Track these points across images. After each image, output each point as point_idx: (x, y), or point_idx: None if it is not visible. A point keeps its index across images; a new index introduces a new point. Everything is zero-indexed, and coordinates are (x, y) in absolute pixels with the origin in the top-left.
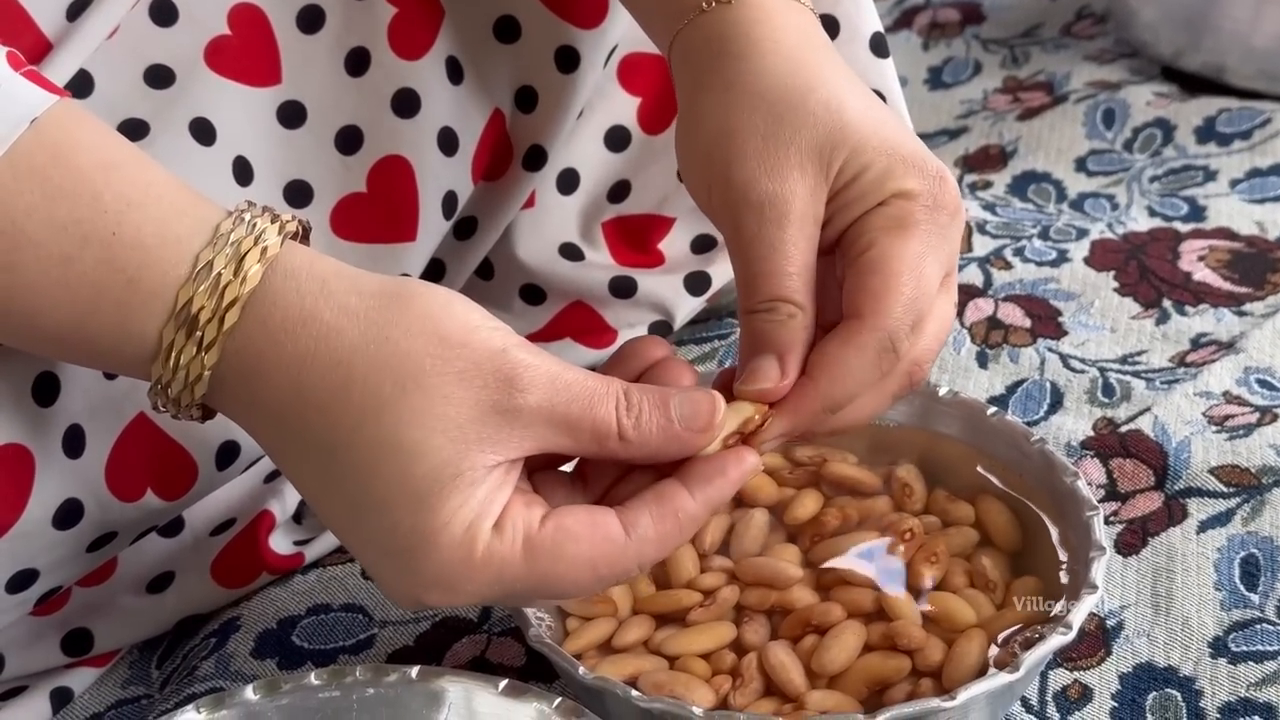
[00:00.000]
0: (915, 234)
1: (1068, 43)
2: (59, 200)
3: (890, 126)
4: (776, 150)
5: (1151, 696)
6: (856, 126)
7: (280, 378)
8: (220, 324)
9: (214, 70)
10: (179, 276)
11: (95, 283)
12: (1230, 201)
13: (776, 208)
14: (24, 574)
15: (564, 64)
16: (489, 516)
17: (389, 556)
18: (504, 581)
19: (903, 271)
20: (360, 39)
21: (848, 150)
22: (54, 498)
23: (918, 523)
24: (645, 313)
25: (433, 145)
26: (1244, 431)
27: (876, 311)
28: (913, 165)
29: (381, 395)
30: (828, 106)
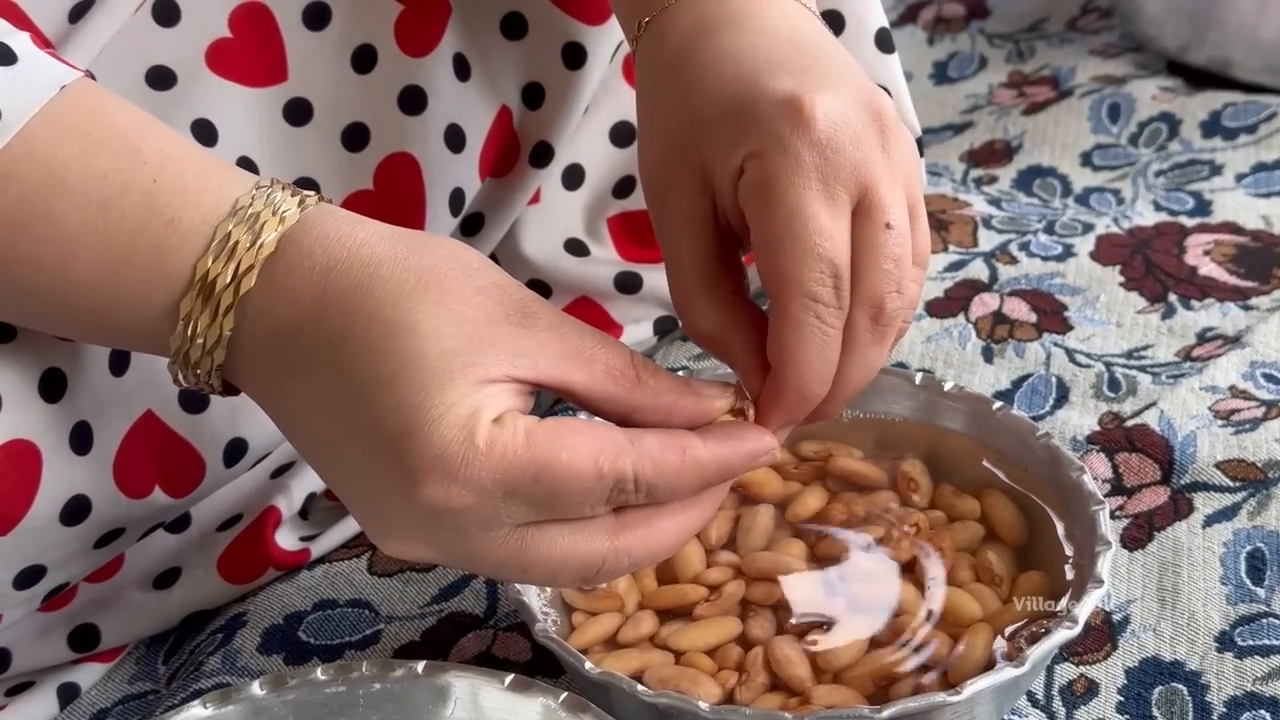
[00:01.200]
0: (777, 191)
1: (1073, 37)
2: (97, 152)
3: (740, 75)
4: (656, 162)
5: (1158, 691)
6: (704, 101)
7: (305, 286)
8: (258, 251)
9: (214, 72)
10: (220, 215)
11: (134, 226)
12: (1236, 196)
13: (659, 221)
14: (32, 570)
15: (571, 60)
16: (490, 410)
17: (387, 443)
18: (505, 469)
19: (780, 236)
20: (367, 36)
21: (697, 136)
22: (62, 494)
23: (923, 517)
24: (651, 308)
25: (440, 142)
26: (1250, 426)
27: (785, 286)
28: (748, 116)
29: (404, 288)
30: (686, 99)
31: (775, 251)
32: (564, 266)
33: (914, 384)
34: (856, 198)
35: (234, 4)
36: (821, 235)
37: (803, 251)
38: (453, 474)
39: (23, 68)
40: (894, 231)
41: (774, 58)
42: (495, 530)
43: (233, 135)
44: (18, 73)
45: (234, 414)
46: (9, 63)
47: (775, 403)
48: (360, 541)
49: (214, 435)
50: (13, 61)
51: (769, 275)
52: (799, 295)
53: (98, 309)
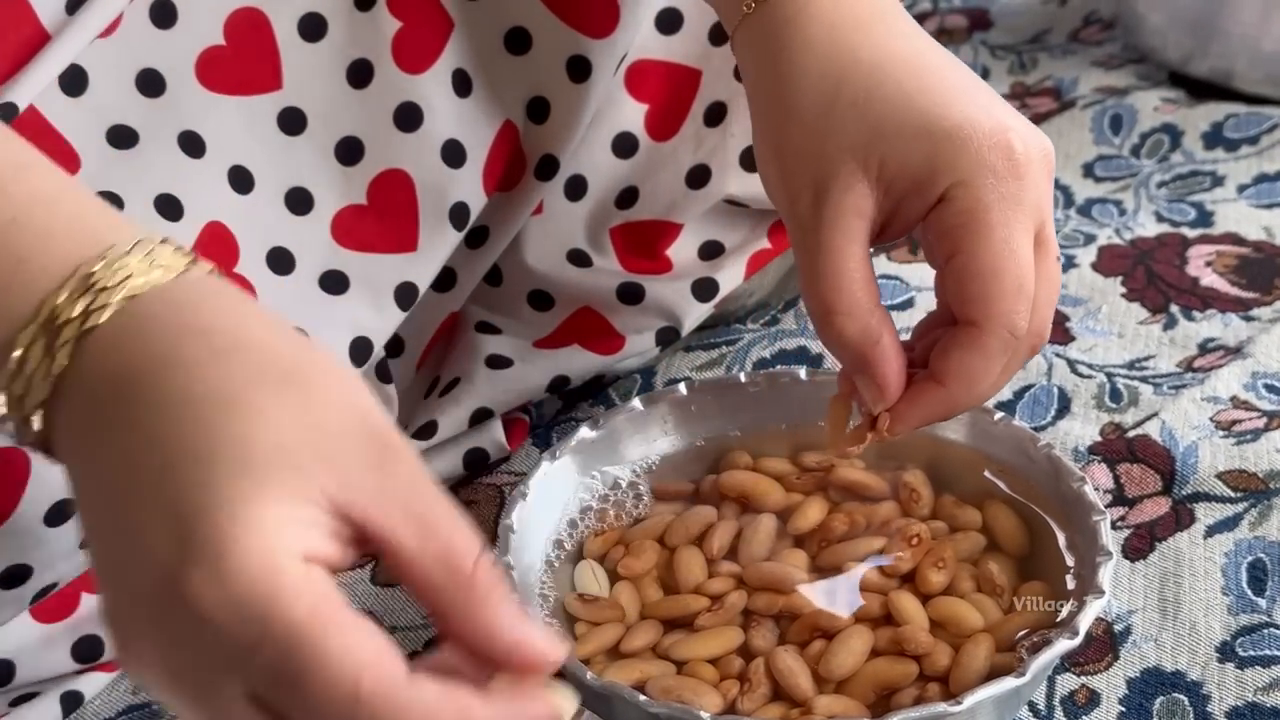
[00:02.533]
0: (990, 223)
1: (1075, 48)
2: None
3: (931, 102)
4: (815, 162)
5: (1159, 701)
6: (888, 116)
7: (162, 339)
8: (121, 291)
9: (204, 85)
10: (86, 255)
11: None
12: (1238, 207)
13: (814, 217)
14: (17, 569)
15: (576, 74)
16: (303, 542)
17: (176, 519)
18: (272, 612)
19: (996, 268)
20: (363, 51)
21: (882, 146)
22: (48, 497)
23: (924, 528)
24: (653, 319)
25: (436, 158)
26: (1251, 436)
27: (989, 316)
28: (956, 142)
29: (266, 375)
30: (854, 104)
31: (982, 281)
32: (566, 277)
33: None
34: (1036, 232)
35: (230, 9)
36: (1027, 270)
37: (1014, 286)
38: (221, 576)
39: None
40: (1058, 264)
41: (952, 83)
42: (227, 683)
43: (223, 147)
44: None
45: None
46: None
47: (924, 409)
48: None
49: None
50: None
51: (970, 302)
52: (1001, 325)
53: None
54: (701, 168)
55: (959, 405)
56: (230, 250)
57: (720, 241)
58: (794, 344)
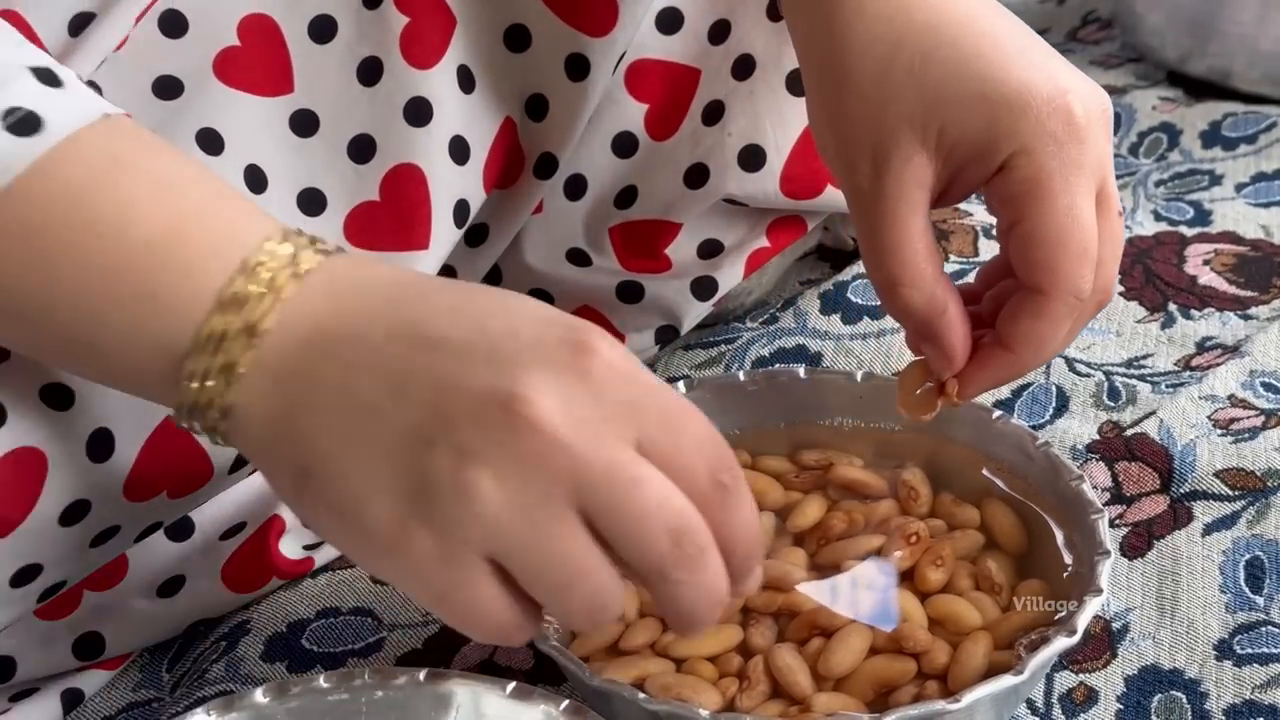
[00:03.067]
0: (1053, 189)
1: (1074, 48)
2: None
3: (988, 67)
4: (872, 133)
5: (1157, 699)
6: (945, 82)
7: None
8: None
9: (222, 81)
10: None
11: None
12: (1236, 206)
13: (873, 188)
14: (27, 569)
15: (574, 72)
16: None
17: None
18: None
19: (1061, 236)
20: (372, 48)
21: (941, 114)
22: (65, 498)
23: (923, 526)
24: (652, 317)
25: (444, 154)
26: (1249, 435)
27: (1055, 283)
28: (1015, 109)
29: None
30: (910, 71)
31: (1048, 248)
32: (566, 275)
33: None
34: (1098, 191)
35: (241, 15)
36: (1091, 234)
37: (1077, 252)
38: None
39: (69, 90)
40: (1121, 220)
41: (1010, 45)
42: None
43: (240, 145)
44: (65, 93)
45: None
46: (56, 85)
47: (992, 373)
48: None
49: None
50: (59, 85)
51: (1036, 268)
52: (1067, 292)
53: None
54: (700, 167)
55: (1027, 368)
56: None
57: (719, 240)
58: (793, 342)
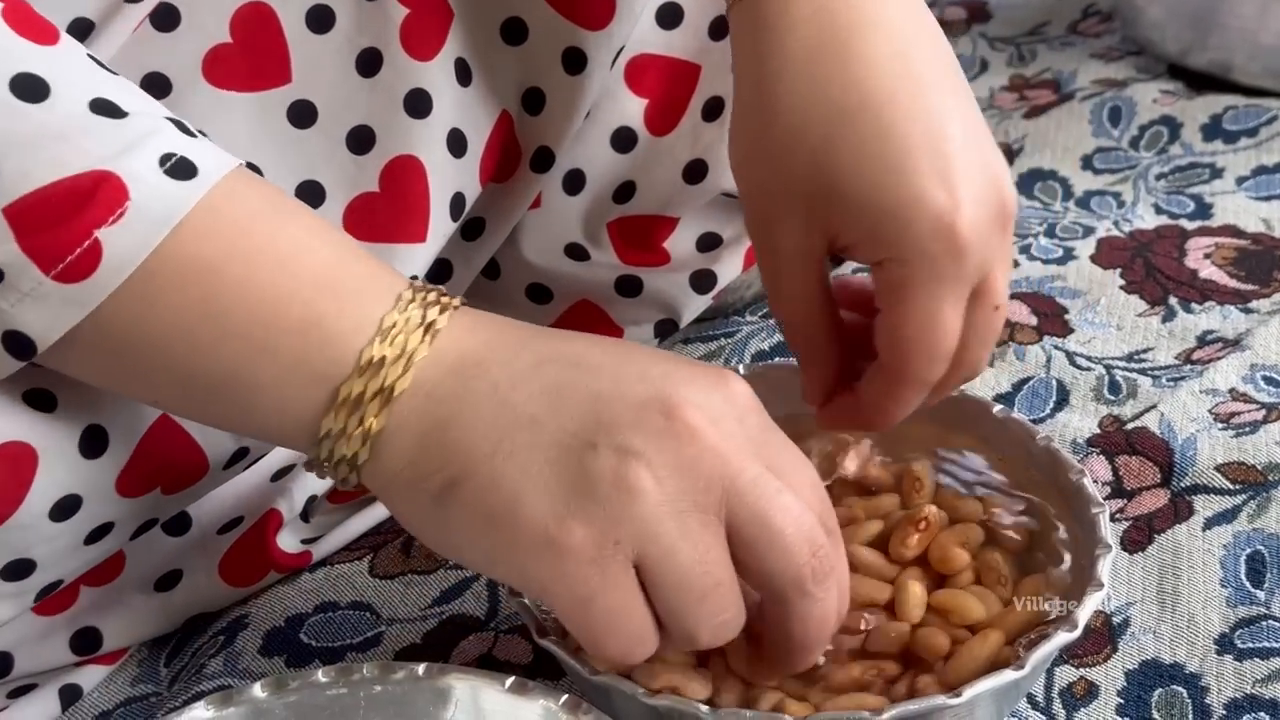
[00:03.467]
0: (916, 300)
1: (1074, 41)
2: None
3: (886, 168)
4: (771, 196)
5: (1157, 693)
6: (840, 175)
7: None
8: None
9: (211, 83)
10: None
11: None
12: (1236, 199)
13: (770, 240)
14: (20, 563)
15: (571, 65)
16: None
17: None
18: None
19: (916, 337)
20: (372, 39)
21: (829, 204)
22: (55, 493)
23: (934, 510)
24: (651, 311)
25: (442, 146)
26: (1250, 429)
27: (904, 374)
28: (899, 223)
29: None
30: (814, 151)
31: (903, 345)
32: (564, 270)
33: None
34: (975, 288)
35: (236, 6)
36: (947, 337)
37: (930, 354)
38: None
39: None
40: (999, 312)
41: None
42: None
43: (230, 146)
44: (204, 141)
45: None
46: (193, 134)
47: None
48: (361, 544)
49: (222, 441)
50: (194, 135)
51: (889, 353)
52: (915, 382)
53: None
54: (699, 163)
55: (875, 428)
56: None
57: (718, 233)
58: None
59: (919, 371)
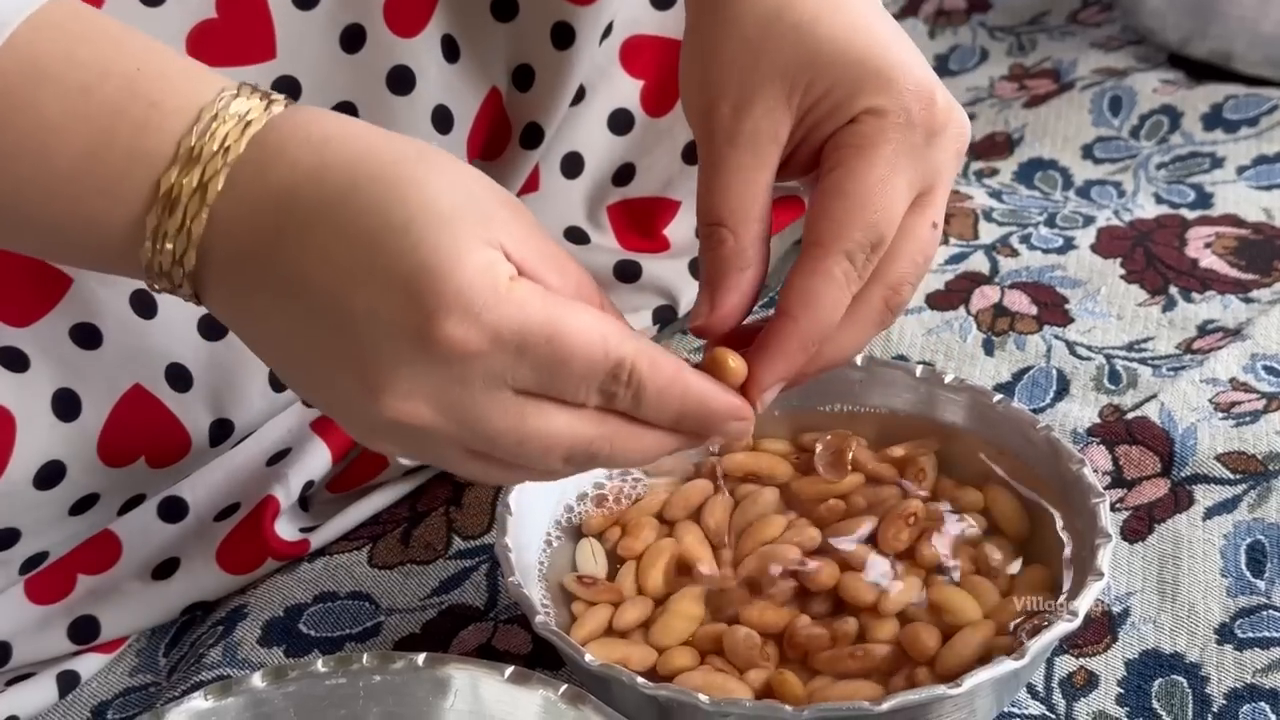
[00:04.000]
0: (880, 153)
1: (1074, 30)
2: (80, 44)
3: (872, 39)
4: (743, 77)
5: (1157, 683)
6: (826, 42)
7: (303, 153)
8: (246, 126)
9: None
10: (205, 99)
11: (114, 109)
12: (1237, 188)
13: (728, 130)
14: (5, 532)
15: (560, 41)
16: (506, 266)
17: (405, 282)
18: (523, 321)
19: (863, 193)
20: (355, 16)
21: (814, 69)
22: (37, 459)
23: (921, 506)
24: (650, 297)
25: (426, 123)
26: (1250, 418)
27: (837, 236)
28: (886, 79)
29: (406, 155)
30: (797, 26)
31: (845, 200)
32: None
33: (915, 376)
34: (921, 193)
35: None
36: (890, 210)
37: (868, 216)
38: (475, 313)
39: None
40: (934, 232)
41: (898, 33)
42: (500, 391)
43: None
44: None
45: (218, 395)
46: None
47: (778, 347)
48: (360, 534)
49: (200, 413)
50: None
51: (824, 218)
52: (841, 250)
53: (77, 199)
54: None
55: (808, 340)
56: None
57: None
58: None
59: (848, 237)
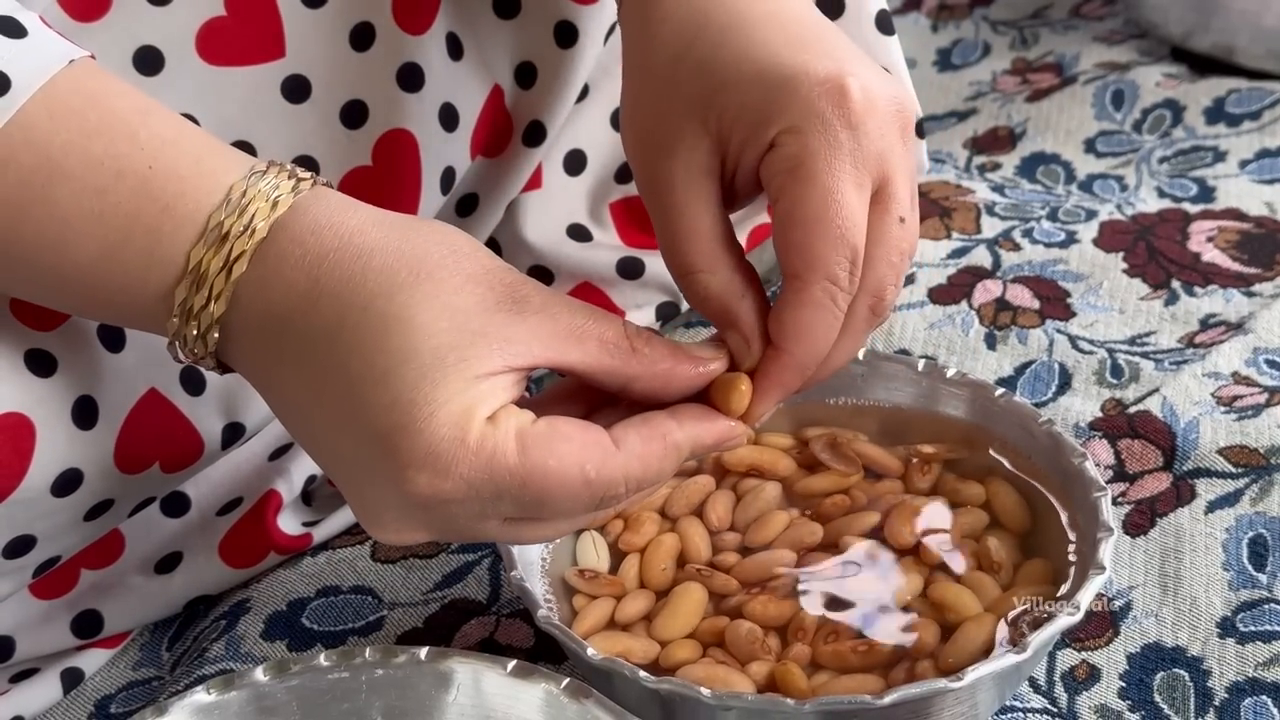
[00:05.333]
0: (815, 169)
1: (1077, 24)
2: (95, 137)
3: (769, 52)
4: (661, 121)
5: (1159, 676)
6: (727, 66)
7: (298, 275)
8: (250, 236)
9: (204, 57)
10: (212, 203)
11: (129, 212)
12: (1239, 182)
13: (663, 177)
14: (21, 540)
15: (563, 39)
16: (485, 408)
17: (380, 439)
18: (494, 472)
19: (816, 217)
20: (364, 13)
21: (721, 94)
22: (56, 467)
23: (917, 503)
24: (652, 294)
25: (434, 120)
26: (1252, 412)
27: (810, 265)
28: (788, 90)
29: (396, 279)
30: (701, 59)
31: (803, 228)
32: (566, 252)
33: (916, 371)
34: (875, 187)
35: None
36: (850, 220)
37: (833, 235)
38: (443, 470)
39: (32, 41)
40: (905, 226)
41: (803, 34)
42: (487, 520)
43: (222, 122)
44: (27, 45)
45: (231, 398)
46: (18, 35)
47: (775, 378)
48: (363, 528)
49: (213, 416)
50: (22, 35)
51: (791, 250)
52: (821, 276)
53: (95, 290)
54: None
55: (805, 368)
56: None
57: None
58: None
59: (824, 261)
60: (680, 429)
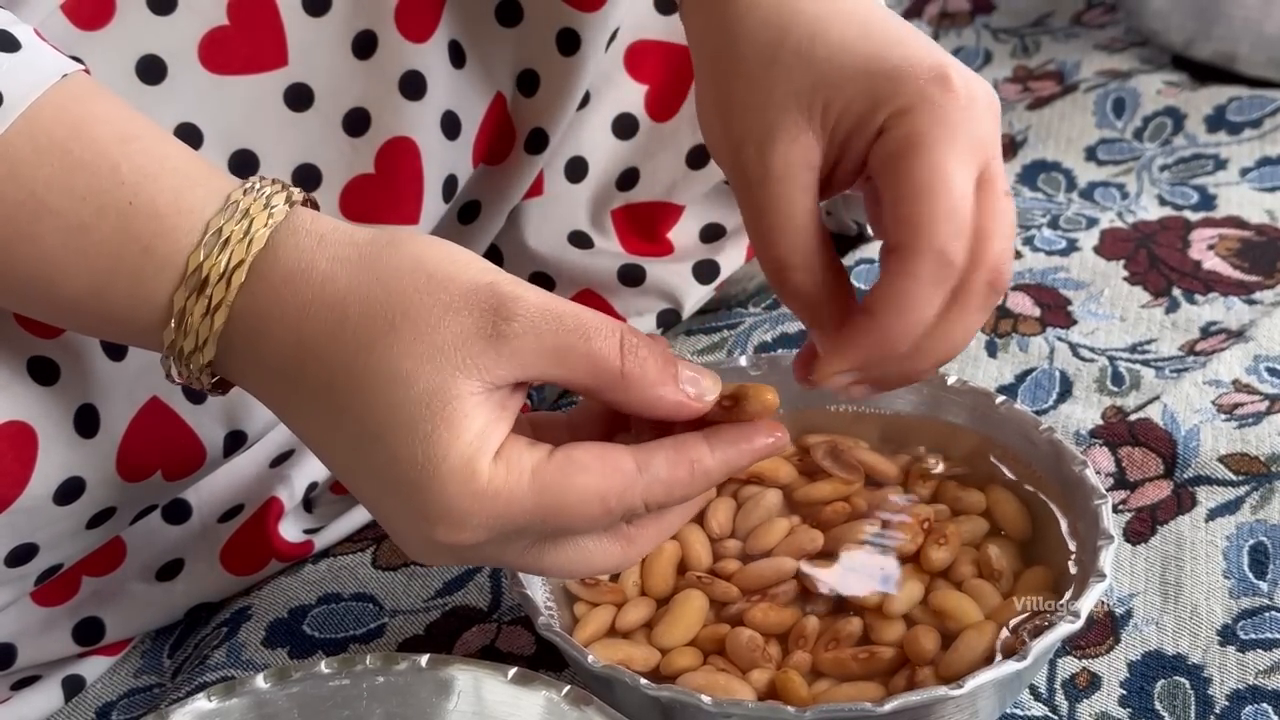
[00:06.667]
0: (925, 146)
1: (1078, 32)
2: (77, 172)
3: (871, 44)
4: (759, 116)
5: (1160, 684)
6: (829, 60)
7: (282, 331)
8: (227, 285)
9: (207, 66)
10: (190, 243)
11: (112, 251)
12: (1240, 190)
13: (759, 172)
14: (23, 548)
15: (565, 47)
16: (488, 447)
17: (394, 493)
18: (511, 515)
19: (928, 189)
20: (368, 21)
21: (826, 90)
22: (58, 475)
23: (932, 511)
24: (654, 301)
25: (436, 128)
26: (1253, 420)
27: (918, 236)
28: (897, 78)
29: (374, 331)
30: (798, 52)
31: (914, 203)
32: (568, 259)
33: None
34: (980, 169)
35: None
36: (964, 201)
37: (946, 209)
38: (459, 523)
39: (24, 56)
40: (1011, 201)
41: (897, 30)
42: (512, 547)
43: (224, 132)
44: (18, 61)
45: (232, 406)
46: (11, 49)
47: (852, 339)
48: (364, 535)
49: (214, 425)
50: (16, 49)
51: (901, 225)
52: (931, 250)
53: (88, 319)
54: (702, 148)
55: (887, 339)
56: None
57: (721, 224)
58: (796, 327)
59: (936, 234)
60: (712, 455)
